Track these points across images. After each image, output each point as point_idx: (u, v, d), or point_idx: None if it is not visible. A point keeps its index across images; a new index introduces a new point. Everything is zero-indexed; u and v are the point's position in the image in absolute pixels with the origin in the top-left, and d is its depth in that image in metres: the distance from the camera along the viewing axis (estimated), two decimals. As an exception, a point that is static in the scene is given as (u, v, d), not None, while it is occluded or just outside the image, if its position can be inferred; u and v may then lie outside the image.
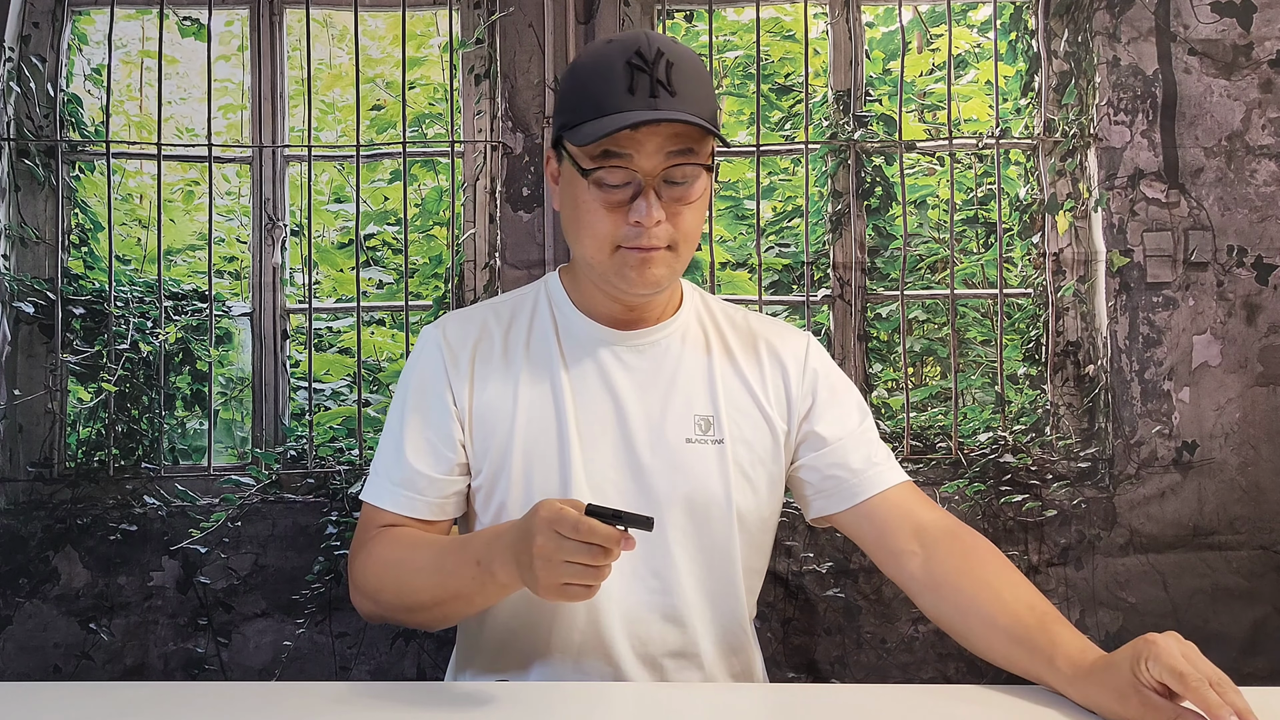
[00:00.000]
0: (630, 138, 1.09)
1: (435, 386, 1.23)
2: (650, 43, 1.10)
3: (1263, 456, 2.03)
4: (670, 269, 1.15)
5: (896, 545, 1.19)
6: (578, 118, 1.12)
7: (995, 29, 2.13)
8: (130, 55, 2.13)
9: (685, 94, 1.09)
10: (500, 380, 1.22)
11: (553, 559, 0.94)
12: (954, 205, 2.11)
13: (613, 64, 1.10)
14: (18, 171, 2.07)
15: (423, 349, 1.27)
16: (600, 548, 0.93)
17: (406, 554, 1.15)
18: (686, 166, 1.11)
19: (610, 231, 1.13)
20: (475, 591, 1.07)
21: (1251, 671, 2.00)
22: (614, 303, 1.22)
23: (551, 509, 0.96)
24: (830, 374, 1.30)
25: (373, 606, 1.19)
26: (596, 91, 1.10)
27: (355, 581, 1.20)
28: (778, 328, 1.32)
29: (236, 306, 2.12)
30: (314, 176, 2.13)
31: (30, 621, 2.02)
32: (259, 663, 2.03)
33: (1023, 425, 2.07)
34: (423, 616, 1.16)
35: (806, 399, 1.26)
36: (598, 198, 1.12)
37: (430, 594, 1.12)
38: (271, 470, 2.07)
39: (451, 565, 1.09)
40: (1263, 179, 2.06)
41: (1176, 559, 2.03)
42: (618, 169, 1.10)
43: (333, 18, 2.14)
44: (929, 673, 2.02)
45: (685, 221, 1.14)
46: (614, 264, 1.15)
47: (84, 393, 2.06)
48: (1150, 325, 2.06)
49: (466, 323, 1.27)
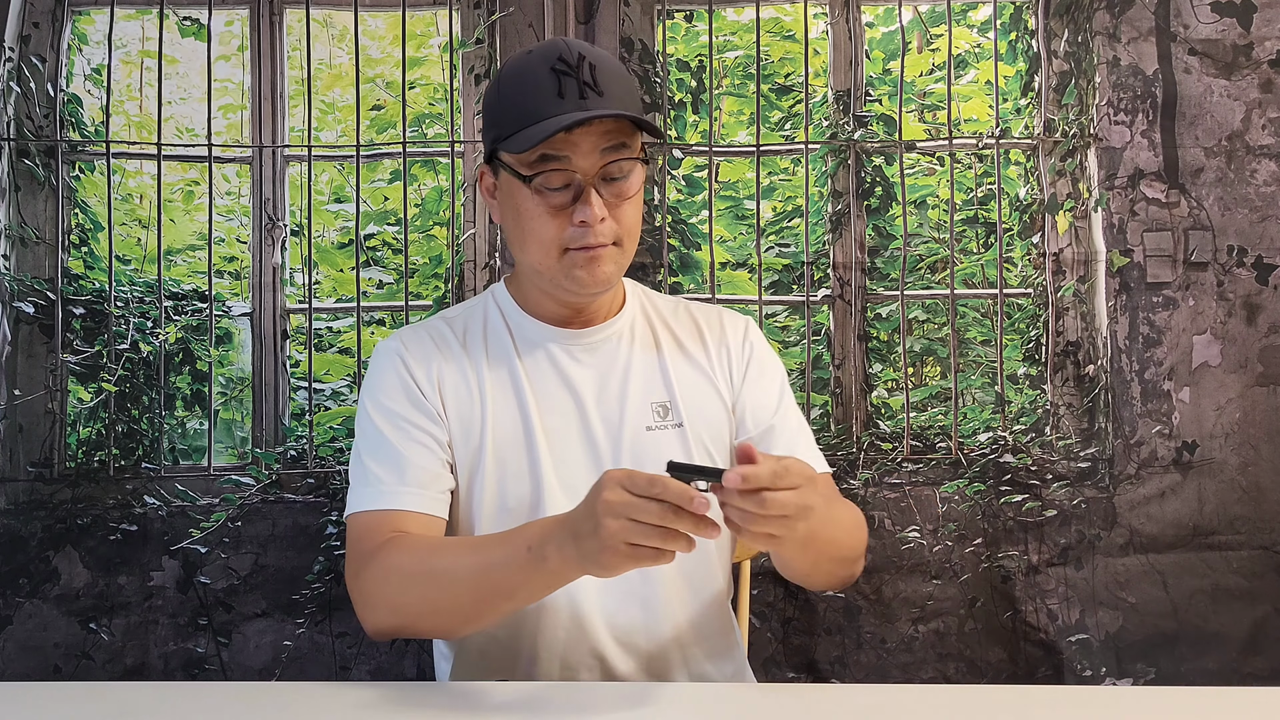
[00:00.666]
0: (566, 140, 1.12)
1: (410, 390, 1.23)
2: (571, 48, 1.14)
3: (1263, 456, 2.04)
4: (618, 265, 1.18)
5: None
6: (511, 128, 1.14)
7: (995, 29, 2.13)
8: (130, 55, 2.13)
9: (611, 93, 1.13)
10: (464, 384, 1.24)
11: (620, 516, 0.91)
12: (954, 205, 2.11)
13: (536, 72, 1.13)
14: (18, 171, 2.07)
15: (386, 360, 1.26)
16: (671, 507, 0.91)
17: (433, 556, 1.11)
18: (623, 161, 1.15)
19: (556, 235, 1.15)
20: (521, 583, 1.03)
21: (1251, 671, 2.00)
22: (562, 306, 1.24)
23: (622, 470, 0.95)
24: (765, 359, 1.34)
25: (391, 619, 1.12)
26: (526, 100, 1.13)
27: (367, 598, 1.13)
28: (718, 312, 1.37)
29: (236, 306, 2.12)
30: (314, 176, 2.13)
31: (30, 621, 2.02)
32: (259, 663, 2.03)
33: (1023, 425, 2.07)
34: (451, 620, 1.11)
35: (741, 369, 1.31)
36: (540, 204, 1.15)
37: (469, 592, 1.07)
38: (271, 470, 2.07)
39: (497, 556, 1.05)
40: (1263, 179, 2.06)
41: (1176, 559, 2.03)
42: (557, 171, 1.13)
43: (333, 18, 2.15)
44: (929, 673, 2.02)
45: (627, 216, 1.17)
46: (563, 267, 1.17)
47: (84, 393, 2.06)
48: (1150, 325, 2.06)
49: (421, 332, 1.28)
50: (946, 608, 2.03)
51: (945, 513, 2.05)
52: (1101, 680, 2.02)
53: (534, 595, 1.07)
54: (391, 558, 1.11)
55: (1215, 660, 2.02)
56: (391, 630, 1.14)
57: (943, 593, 2.03)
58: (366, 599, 1.13)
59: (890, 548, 2.04)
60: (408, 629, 1.15)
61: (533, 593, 1.06)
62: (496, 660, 1.23)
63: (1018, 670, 2.01)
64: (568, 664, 1.20)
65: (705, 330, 1.33)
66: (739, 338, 1.33)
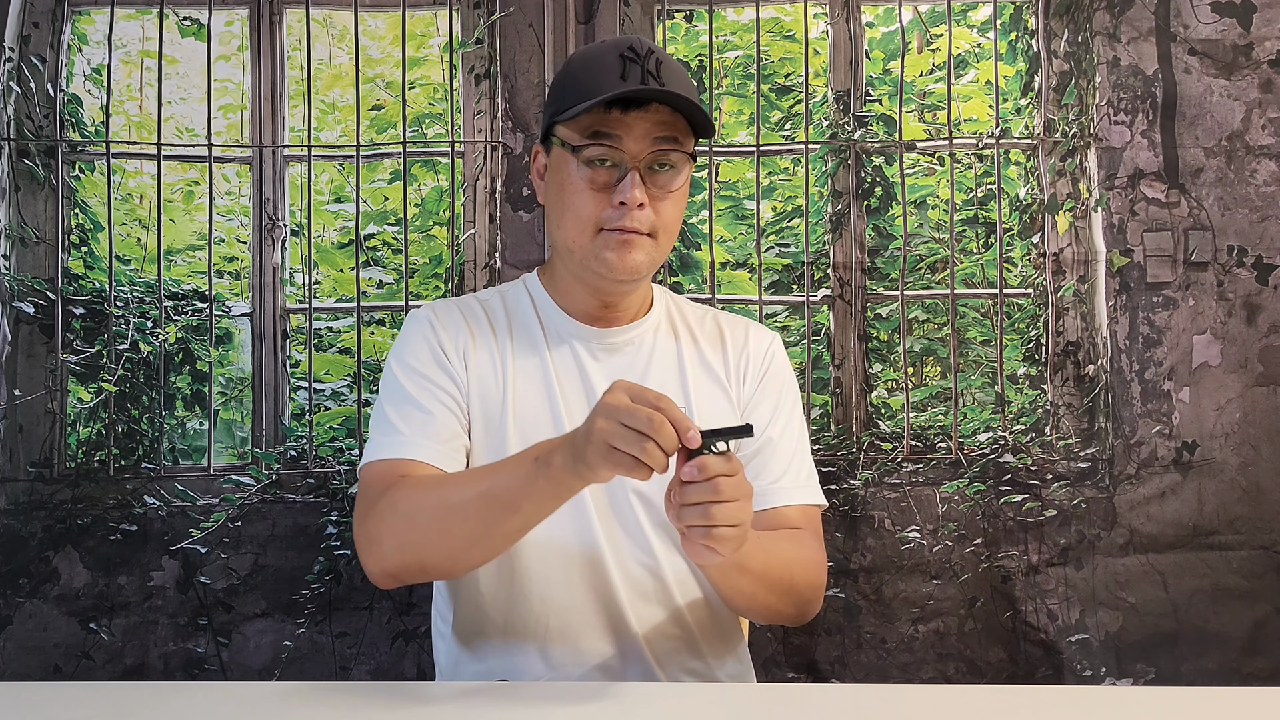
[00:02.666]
0: (620, 120, 1.14)
1: (436, 354, 1.24)
2: (642, 42, 1.17)
3: (1263, 456, 2.04)
4: (649, 257, 1.18)
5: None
6: (569, 103, 1.16)
7: (995, 29, 2.13)
8: (130, 55, 2.13)
9: (673, 87, 1.15)
10: (490, 363, 1.24)
11: (612, 417, 0.94)
12: (954, 205, 2.11)
13: (605, 56, 1.16)
14: (18, 171, 2.07)
15: (416, 325, 1.27)
16: (658, 418, 0.92)
17: (440, 487, 1.11)
18: (672, 153, 1.16)
19: (594, 212, 1.17)
20: (525, 495, 1.03)
21: (1252, 671, 2.00)
22: (591, 297, 1.25)
23: (636, 382, 0.97)
24: (783, 374, 1.33)
25: (397, 556, 1.11)
26: (589, 79, 1.16)
27: (373, 538, 1.12)
28: (744, 324, 1.36)
29: (236, 306, 2.12)
30: (314, 176, 2.13)
31: (30, 621, 2.02)
32: (259, 663, 2.03)
33: (1023, 425, 2.07)
34: (457, 546, 1.09)
35: (756, 379, 1.31)
36: (585, 177, 1.16)
37: (476, 513, 1.06)
38: (271, 470, 2.07)
39: (503, 472, 1.06)
40: (1263, 179, 2.06)
41: (1176, 559, 2.03)
42: (607, 148, 1.15)
43: (333, 18, 2.15)
44: (929, 673, 2.02)
45: (667, 211, 1.18)
46: (595, 247, 1.18)
47: (84, 393, 2.06)
48: (1150, 325, 2.06)
49: (453, 306, 1.30)
50: (946, 608, 2.03)
51: (945, 513, 2.05)
52: (1101, 680, 2.02)
53: (537, 509, 1.05)
54: (399, 494, 1.12)
55: (1215, 660, 2.02)
56: (397, 568, 1.12)
57: (943, 593, 2.04)
58: (372, 539, 1.13)
59: (890, 548, 2.04)
60: (412, 565, 1.12)
61: (536, 505, 1.05)
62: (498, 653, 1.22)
63: (1018, 670, 2.01)
64: (578, 651, 1.20)
65: (728, 339, 1.33)
66: (761, 349, 1.33)
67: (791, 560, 1.19)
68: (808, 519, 1.27)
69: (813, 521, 1.27)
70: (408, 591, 2.04)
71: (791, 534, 1.23)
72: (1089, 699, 1.14)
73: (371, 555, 1.13)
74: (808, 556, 1.22)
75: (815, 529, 1.27)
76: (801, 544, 1.23)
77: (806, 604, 1.21)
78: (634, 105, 1.14)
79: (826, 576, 1.25)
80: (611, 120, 1.14)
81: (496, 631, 1.23)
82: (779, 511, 1.24)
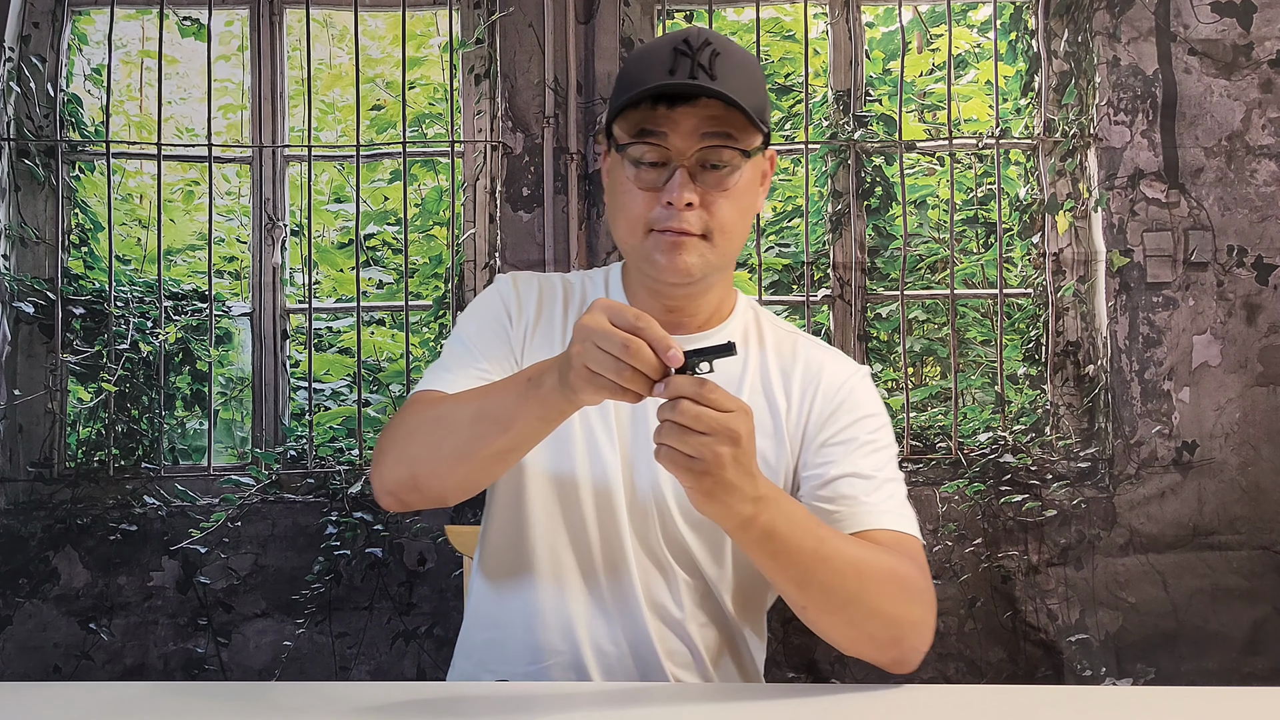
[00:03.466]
0: (666, 116, 1.10)
1: (501, 320, 1.23)
2: (700, 34, 1.12)
3: (1263, 456, 2.04)
4: (703, 259, 1.13)
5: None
6: (619, 99, 1.13)
7: (995, 29, 2.13)
8: (130, 55, 2.13)
9: (727, 81, 1.08)
10: (549, 346, 1.22)
11: (587, 339, 0.91)
12: (954, 205, 2.11)
13: (660, 49, 1.12)
14: (18, 171, 2.07)
15: (496, 287, 1.27)
16: (634, 342, 0.90)
17: (442, 404, 1.12)
18: (724, 151, 1.11)
19: (643, 213, 1.13)
20: (517, 414, 1.02)
21: (1251, 671, 2.00)
22: (653, 300, 1.21)
23: (615, 301, 0.95)
24: (859, 409, 1.21)
25: (396, 468, 1.11)
26: (641, 73, 1.12)
27: (381, 452, 1.13)
28: (824, 356, 1.25)
29: (236, 306, 2.12)
30: (314, 176, 2.13)
31: (30, 621, 2.02)
32: (259, 663, 2.03)
33: (1023, 425, 2.07)
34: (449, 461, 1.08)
35: (822, 419, 1.20)
36: (633, 177, 1.13)
37: (468, 428, 1.06)
38: (271, 470, 2.07)
39: (496, 390, 1.06)
40: (1263, 179, 2.06)
41: (1176, 559, 2.03)
42: (652, 146, 1.11)
43: (333, 18, 2.15)
44: (929, 673, 2.02)
45: (721, 211, 1.12)
46: (645, 248, 1.14)
47: (84, 393, 2.06)
48: (1150, 325, 2.06)
49: (534, 281, 1.28)
50: (946, 608, 2.03)
51: (945, 513, 2.05)
52: (1101, 680, 2.02)
53: (527, 430, 1.04)
54: (408, 411, 1.14)
55: (1215, 660, 2.02)
56: (394, 484, 1.12)
57: (943, 593, 2.03)
58: (380, 453, 1.14)
59: (890, 548, 2.03)
60: (407, 482, 1.12)
61: (526, 426, 1.03)
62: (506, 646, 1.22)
63: (1018, 670, 2.01)
64: (604, 655, 1.19)
65: (799, 370, 1.23)
66: (835, 384, 1.22)
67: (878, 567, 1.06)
68: (904, 547, 1.12)
69: (911, 551, 1.12)
70: (408, 591, 2.04)
71: (886, 549, 1.09)
72: (1089, 699, 1.14)
73: (375, 471, 1.14)
74: (905, 572, 1.08)
75: (918, 560, 1.12)
76: (898, 560, 1.08)
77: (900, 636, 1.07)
78: (681, 100, 1.09)
79: (934, 620, 1.09)
80: (657, 117, 1.10)
81: (527, 566, 1.21)
82: (866, 536, 1.11)
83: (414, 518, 2.05)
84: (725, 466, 0.92)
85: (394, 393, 2.10)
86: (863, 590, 1.04)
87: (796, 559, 1.02)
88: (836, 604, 1.05)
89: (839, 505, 1.14)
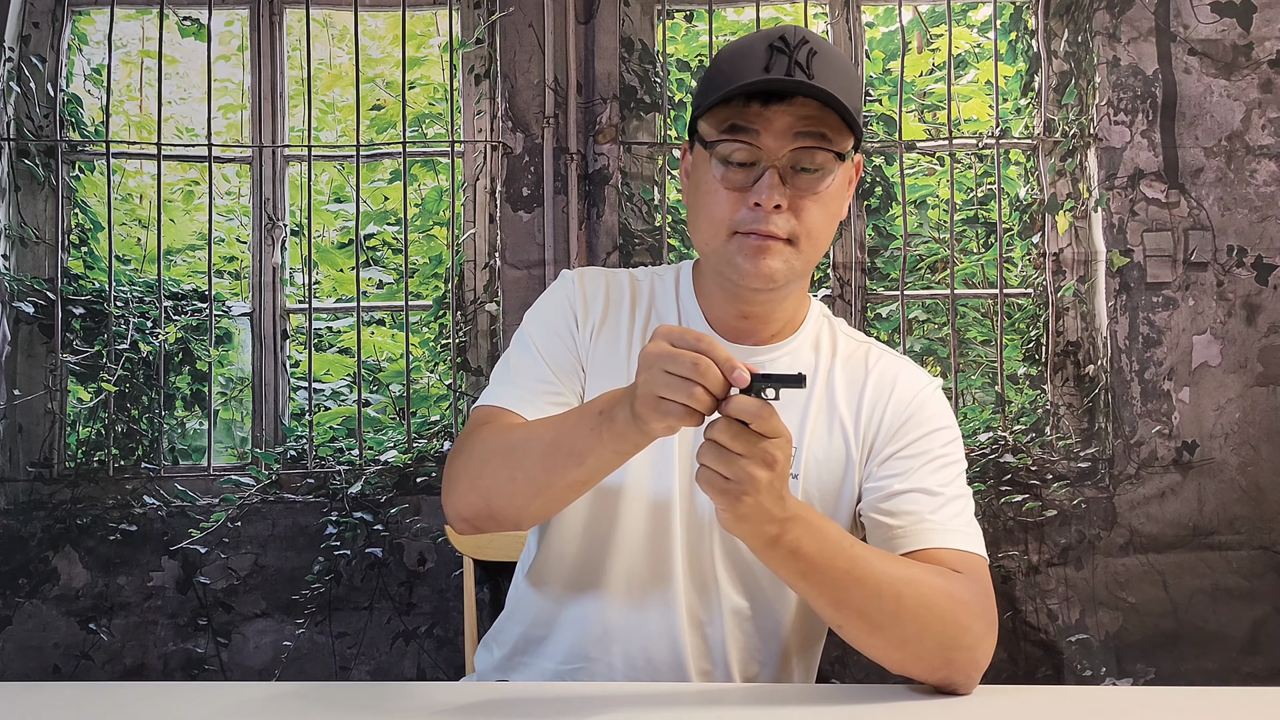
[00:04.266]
0: (759, 114, 1.06)
1: (568, 320, 1.20)
2: (797, 32, 1.08)
3: (1263, 456, 2.04)
4: (788, 265, 1.10)
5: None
6: (710, 95, 1.09)
7: (995, 29, 2.13)
8: (130, 55, 2.13)
9: (824, 80, 1.05)
10: (615, 349, 1.19)
11: (654, 366, 0.90)
12: (954, 205, 2.11)
13: (754, 46, 1.08)
14: (18, 171, 2.07)
15: (562, 285, 1.23)
16: (703, 361, 0.88)
17: (515, 431, 1.10)
18: (817, 153, 1.07)
19: (727, 214, 1.09)
20: (590, 446, 0.99)
21: (1251, 671, 2.00)
22: (731, 304, 1.17)
23: (676, 325, 0.93)
24: (930, 423, 1.19)
25: (470, 497, 1.09)
26: (734, 69, 1.07)
27: (453, 478, 1.11)
28: (897, 367, 1.23)
29: (236, 306, 2.12)
30: (314, 176, 2.13)
31: (30, 621, 2.02)
32: (259, 663, 2.03)
33: (1023, 425, 2.07)
34: (523, 491, 1.06)
35: (891, 433, 1.18)
36: (720, 176, 1.09)
37: (541, 460, 1.04)
38: (271, 470, 2.07)
39: (570, 421, 1.03)
40: (1263, 179, 2.06)
41: (1176, 559, 2.03)
42: (743, 144, 1.07)
43: (333, 18, 2.15)
44: (929, 673, 2.02)
45: (810, 215, 1.08)
46: (728, 251, 1.10)
47: (84, 393, 2.06)
48: (1150, 325, 2.06)
49: (601, 279, 1.24)
50: (946, 608, 2.03)
51: (945, 513, 2.05)
52: (1101, 680, 2.02)
53: (602, 463, 1.02)
54: (477, 437, 1.11)
55: (1215, 660, 2.02)
56: (470, 513, 1.11)
57: (943, 593, 2.03)
58: (451, 482, 1.12)
59: (890, 548, 2.03)
60: (482, 511, 1.10)
61: (600, 459, 1.01)
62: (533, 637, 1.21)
63: (1018, 670, 2.01)
64: (631, 659, 1.17)
65: (870, 383, 1.20)
66: (907, 397, 1.19)
67: (925, 588, 1.02)
68: (968, 566, 1.08)
69: (975, 571, 1.09)
70: (408, 591, 2.04)
71: (940, 569, 1.06)
72: (1089, 699, 1.14)
73: (449, 498, 1.12)
74: (960, 593, 1.04)
75: (980, 579, 1.09)
76: (953, 580, 1.05)
77: (950, 659, 1.03)
78: (776, 98, 1.04)
79: (993, 643, 1.06)
80: (750, 114, 1.05)
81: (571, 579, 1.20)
82: (929, 554, 1.08)
83: (414, 518, 2.05)
84: (759, 489, 0.91)
85: (394, 392, 2.10)
86: (901, 611, 1.01)
87: (828, 578, 1.00)
88: (874, 625, 1.02)
89: (901, 520, 1.11)
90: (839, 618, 1.03)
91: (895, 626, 1.02)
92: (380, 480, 2.06)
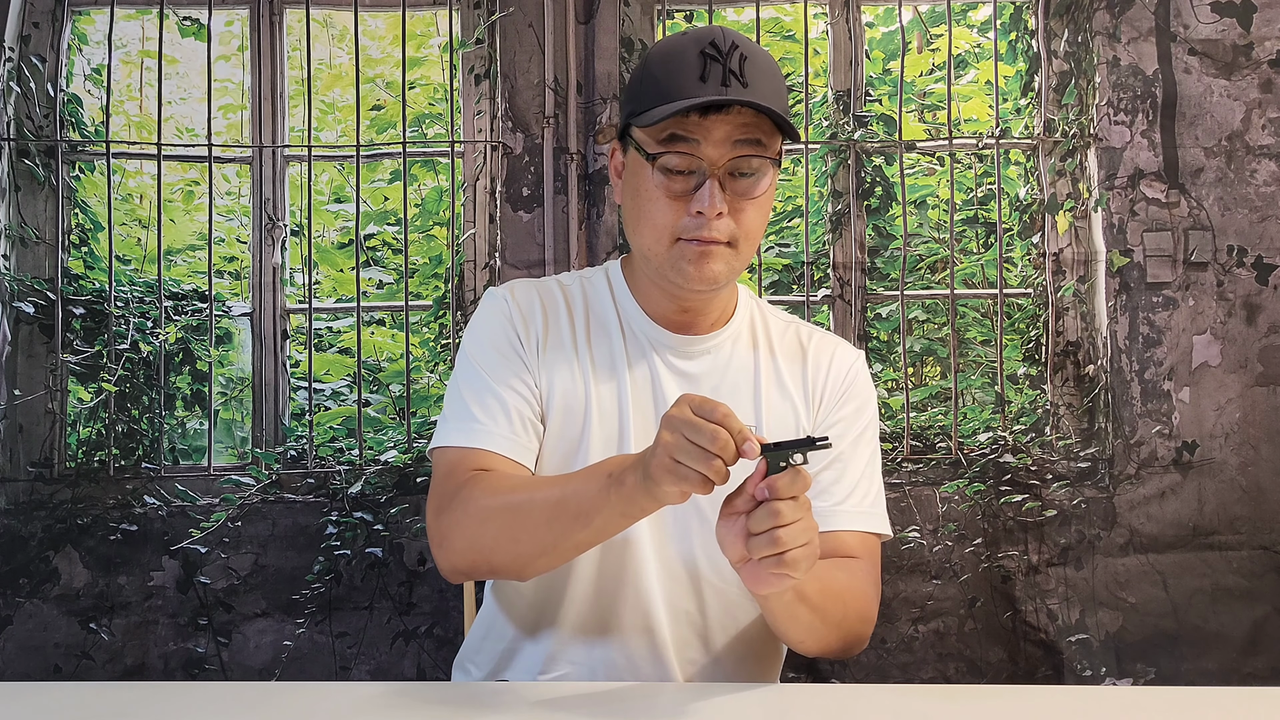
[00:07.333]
0: (699, 124, 1.08)
1: (510, 338, 1.21)
2: (726, 36, 1.10)
3: (1263, 456, 2.04)
4: (729, 266, 1.14)
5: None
6: (646, 103, 1.11)
7: (995, 29, 2.13)
8: (130, 55, 2.13)
9: (757, 86, 1.08)
10: (566, 358, 1.21)
11: (676, 430, 0.91)
12: (954, 205, 2.11)
13: (685, 53, 1.10)
14: (18, 171, 2.07)
15: (492, 304, 1.23)
16: (723, 434, 0.90)
17: (514, 490, 1.10)
18: (754, 159, 1.10)
19: (670, 222, 1.12)
20: (597, 509, 1.01)
21: (1251, 671, 2.00)
22: (670, 301, 1.20)
23: (700, 395, 0.94)
24: (861, 395, 1.26)
25: (467, 556, 1.11)
26: (667, 78, 1.10)
27: (445, 536, 1.12)
28: (830, 342, 1.29)
29: (236, 306, 2.12)
30: (314, 176, 2.13)
31: (30, 621, 2.02)
32: (259, 663, 2.03)
33: (1023, 425, 2.07)
34: (526, 551, 1.08)
35: (834, 403, 1.25)
36: (661, 185, 1.11)
37: (546, 522, 1.05)
38: (271, 470, 2.07)
39: (577, 483, 1.04)
40: (1263, 179, 2.06)
41: (1176, 559, 2.03)
42: (684, 155, 1.09)
43: (333, 18, 2.15)
44: (929, 673, 2.02)
45: (748, 218, 1.12)
46: (672, 257, 1.13)
47: (84, 393, 2.06)
48: (1150, 325, 2.06)
49: (532, 290, 1.25)
50: (946, 608, 2.03)
51: (945, 513, 2.05)
52: (1101, 680, 2.02)
53: (608, 524, 1.03)
54: (473, 494, 1.10)
55: (1215, 660, 2.02)
56: (467, 568, 1.12)
57: (943, 593, 2.04)
58: (445, 537, 1.12)
59: (890, 548, 2.04)
60: (481, 566, 1.12)
61: (607, 521, 1.02)
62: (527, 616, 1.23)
63: (1018, 670, 2.01)
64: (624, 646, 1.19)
65: (810, 356, 1.27)
66: (843, 368, 1.26)
67: (844, 589, 1.13)
68: (866, 548, 1.20)
69: (871, 551, 1.21)
70: (408, 591, 2.04)
71: (845, 562, 1.17)
72: (1089, 699, 1.14)
73: (443, 552, 1.13)
74: (859, 587, 1.16)
75: (873, 559, 1.21)
76: (855, 573, 1.17)
77: (855, 637, 1.15)
78: (714, 109, 1.08)
79: (877, 610, 1.19)
80: (689, 124, 1.08)
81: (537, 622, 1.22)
82: (836, 536, 1.18)
83: (414, 518, 2.05)
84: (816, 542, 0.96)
85: (394, 392, 2.10)
86: (828, 619, 1.11)
87: (805, 604, 1.07)
88: (807, 629, 1.10)
89: (822, 500, 1.19)
90: (797, 633, 1.11)
91: (823, 630, 1.11)
92: (380, 480, 2.06)
